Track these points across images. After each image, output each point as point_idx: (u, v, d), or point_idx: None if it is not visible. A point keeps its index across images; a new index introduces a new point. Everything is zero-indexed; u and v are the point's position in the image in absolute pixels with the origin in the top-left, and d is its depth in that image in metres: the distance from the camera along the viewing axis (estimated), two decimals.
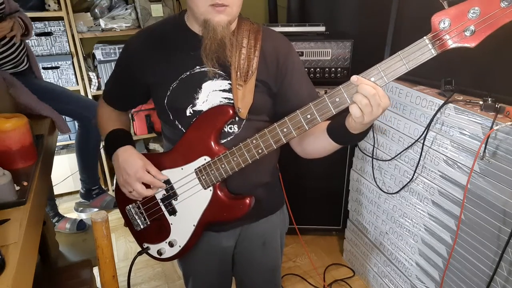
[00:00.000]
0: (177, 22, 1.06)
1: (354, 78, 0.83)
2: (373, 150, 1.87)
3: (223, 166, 1.01)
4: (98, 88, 2.79)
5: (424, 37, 0.79)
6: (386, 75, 0.82)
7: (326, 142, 0.98)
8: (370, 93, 0.81)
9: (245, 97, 1.00)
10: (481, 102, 1.32)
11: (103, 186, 2.72)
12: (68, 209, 2.77)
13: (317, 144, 1.03)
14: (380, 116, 0.86)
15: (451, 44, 0.77)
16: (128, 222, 1.20)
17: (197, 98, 1.03)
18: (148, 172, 1.06)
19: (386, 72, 0.82)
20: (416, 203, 1.65)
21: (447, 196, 1.48)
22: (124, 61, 1.12)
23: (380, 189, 1.86)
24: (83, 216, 2.61)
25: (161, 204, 1.12)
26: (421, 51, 0.79)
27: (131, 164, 1.05)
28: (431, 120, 1.48)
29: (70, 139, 2.85)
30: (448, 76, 1.38)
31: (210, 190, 1.05)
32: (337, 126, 0.93)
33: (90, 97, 2.72)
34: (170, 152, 1.09)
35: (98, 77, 2.77)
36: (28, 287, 0.89)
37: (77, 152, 2.39)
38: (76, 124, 2.33)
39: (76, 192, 2.85)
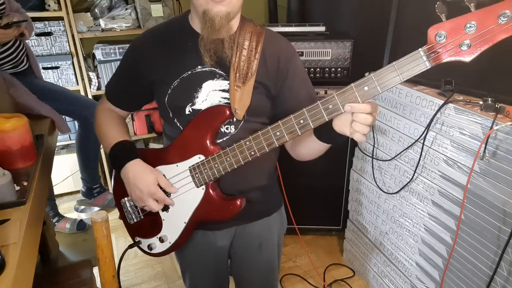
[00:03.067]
0: (181, 22, 1.07)
1: (347, 107, 0.86)
2: (373, 150, 1.87)
3: (216, 165, 1.02)
4: (98, 88, 2.79)
5: (419, 49, 0.79)
6: (380, 85, 0.83)
7: (315, 143, 1.00)
8: (369, 122, 0.85)
9: (242, 99, 1.01)
10: (481, 102, 1.32)
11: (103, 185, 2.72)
12: (68, 209, 2.77)
13: (308, 146, 1.05)
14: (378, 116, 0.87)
15: (446, 57, 0.77)
16: (123, 215, 1.21)
17: (197, 97, 1.04)
18: (159, 185, 1.07)
19: (379, 82, 0.82)
20: (416, 203, 1.65)
21: (447, 196, 1.48)
22: (129, 59, 1.13)
23: (380, 189, 1.86)
24: (83, 216, 2.61)
25: None
26: (415, 63, 0.79)
27: (143, 179, 1.06)
28: (431, 120, 1.48)
29: (70, 139, 2.85)
30: (448, 76, 1.38)
31: (203, 189, 1.06)
32: (323, 126, 0.94)
33: (90, 97, 2.72)
34: (167, 148, 1.10)
35: (98, 77, 2.77)
36: (28, 287, 0.89)
37: (77, 152, 2.39)
38: (76, 124, 2.33)
39: (76, 192, 2.85)
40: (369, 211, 2.00)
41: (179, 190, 1.09)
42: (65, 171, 2.81)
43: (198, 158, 1.04)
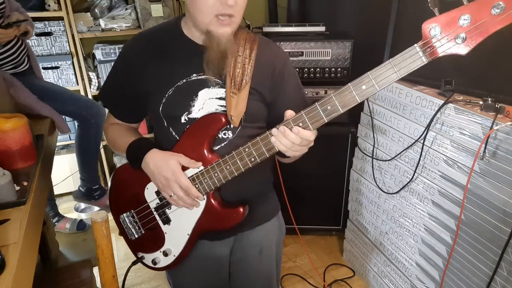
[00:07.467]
0: (173, 29, 1.04)
1: (295, 129, 0.90)
2: (373, 150, 1.87)
3: (216, 174, 1.00)
4: (98, 88, 2.79)
5: (415, 45, 0.78)
6: (377, 83, 0.83)
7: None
8: (302, 149, 0.94)
9: (238, 105, 1.00)
10: (481, 102, 1.32)
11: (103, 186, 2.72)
12: (68, 209, 2.77)
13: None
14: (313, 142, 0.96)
15: (442, 51, 0.77)
16: (123, 231, 1.19)
17: (193, 106, 1.01)
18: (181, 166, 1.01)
19: (377, 80, 0.82)
20: (416, 203, 1.65)
21: (447, 196, 1.48)
22: (120, 67, 1.09)
23: (380, 189, 1.86)
24: (83, 216, 2.61)
25: (155, 213, 1.11)
26: (412, 59, 0.79)
27: (165, 166, 1.00)
28: (431, 120, 1.48)
29: (70, 139, 2.85)
30: (448, 76, 1.38)
31: (204, 199, 1.04)
32: None
33: (90, 97, 2.72)
34: None
35: (98, 77, 2.77)
36: (28, 287, 0.89)
37: (77, 152, 2.39)
38: (76, 124, 2.33)
39: None
40: (369, 211, 2.00)
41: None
42: (65, 171, 2.81)
43: (197, 168, 1.02)
